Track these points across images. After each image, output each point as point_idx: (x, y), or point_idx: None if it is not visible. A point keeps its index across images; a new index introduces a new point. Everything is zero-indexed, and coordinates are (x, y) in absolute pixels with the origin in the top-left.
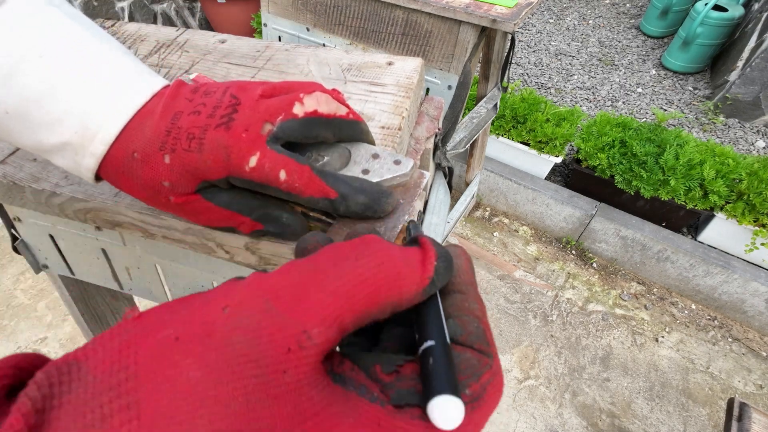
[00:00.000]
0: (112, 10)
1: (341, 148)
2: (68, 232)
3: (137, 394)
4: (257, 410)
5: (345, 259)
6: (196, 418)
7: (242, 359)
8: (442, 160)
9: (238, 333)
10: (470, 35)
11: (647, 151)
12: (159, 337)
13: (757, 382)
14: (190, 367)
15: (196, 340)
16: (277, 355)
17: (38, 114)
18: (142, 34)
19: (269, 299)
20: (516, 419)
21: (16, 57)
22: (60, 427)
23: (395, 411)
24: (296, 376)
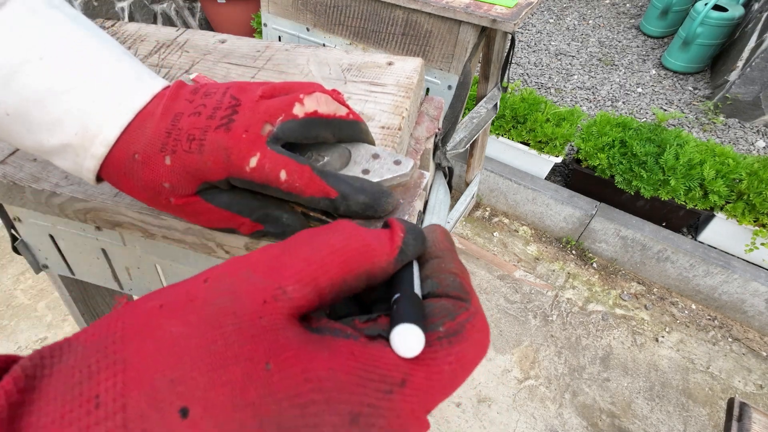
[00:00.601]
0: (112, 10)
1: (341, 149)
2: (68, 232)
3: (123, 352)
4: (236, 348)
5: (317, 235)
6: (180, 363)
7: (221, 313)
8: (442, 160)
9: (218, 295)
10: (470, 35)
11: (647, 151)
12: (145, 307)
13: (757, 382)
14: (173, 325)
15: (179, 305)
16: (254, 305)
17: (39, 115)
18: (142, 34)
19: (248, 268)
20: (516, 419)
21: (17, 58)
22: (49, 389)
23: (368, 341)
24: (271, 321)
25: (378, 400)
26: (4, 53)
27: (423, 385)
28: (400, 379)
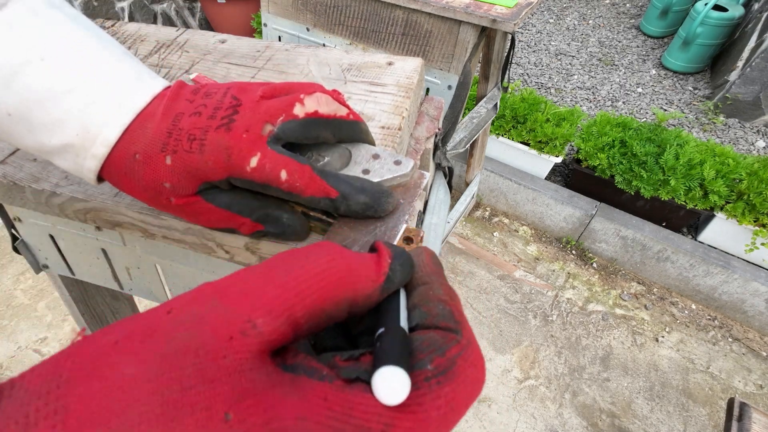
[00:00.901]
0: (112, 10)
1: (341, 149)
2: (68, 232)
3: (66, 398)
4: (192, 395)
5: (296, 258)
6: (127, 412)
7: (181, 351)
8: (442, 160)
9: (180, 329)
10: (470, 35)
11: (647, 151)
12: (100, 343)
13: (757, 382)
14: (126, 365)
15: (136, 341)
16: (219, 342)
17: (40, 115)
18: (142, 34)
19: (216, 297)
20: (516, 419)
21: (18, 59)
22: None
23: (344, 385)
24: (236, 361)
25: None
26: (4, 54)
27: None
28: (380, 431)
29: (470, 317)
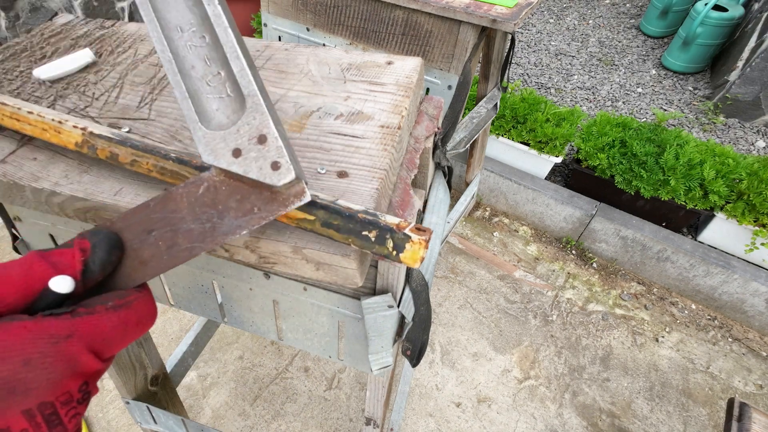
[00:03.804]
0: (112, 10)
1: (243, 94)
2: (68, 231)
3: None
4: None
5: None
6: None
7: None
8: (441, 159)
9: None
10: (470, 35)
11: (647, 151)
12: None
13: (757, 382)
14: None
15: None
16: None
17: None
18: (142, 34)
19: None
20: (516, 419)
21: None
22: None
23: (42, 318)
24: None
25: (46, 347)
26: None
27: (89, 335)
28: (66, 334)
29: (470, 317)
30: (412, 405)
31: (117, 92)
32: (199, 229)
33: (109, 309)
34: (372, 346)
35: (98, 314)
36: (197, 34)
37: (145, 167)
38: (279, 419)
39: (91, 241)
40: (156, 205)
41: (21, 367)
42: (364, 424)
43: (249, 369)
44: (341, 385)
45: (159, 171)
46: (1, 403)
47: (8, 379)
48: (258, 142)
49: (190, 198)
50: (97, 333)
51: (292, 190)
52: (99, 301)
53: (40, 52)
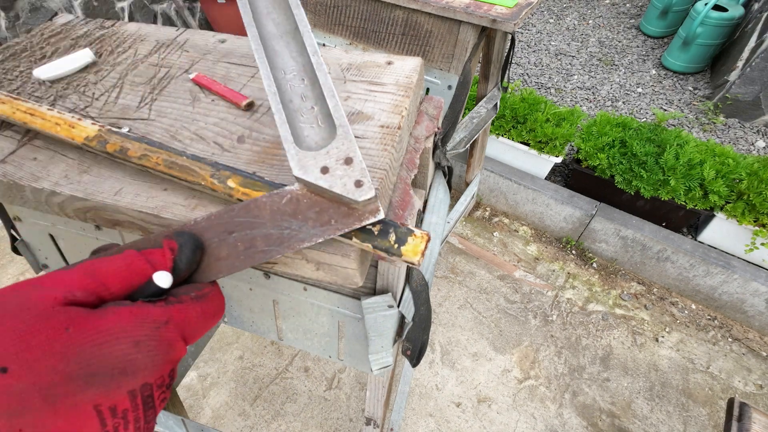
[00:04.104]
0: (112, 10)
1: (340, 126)
2: (68, 231)
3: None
4: (38, 325)
5: (101, 261)
6: None
7: (16, 311)
8: (441, 159)
9: (8, 300)
10: (470, 35)
11: (647, 151)
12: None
13: (757, 382)
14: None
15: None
16: (48, 301)
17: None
18: (142, 34)
19: (35, 284)
20: (516, 419)
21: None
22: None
23: (143, 304)
24: (64, 308)
25: (151, 331)
26: None
27: (181, 322)
28: (165, 320)
29: (470, 317)
30: (412, 405)
31: (117, 92)
32: (278, 234)
33: (192, 299)
34: (372, 346)
35: (185, 303)
36: (297, 77)
37: (154, 161)
38: (279, 419)
39: (178, 242)
40: (240, 209)
41: (132, 348)
42: (364, 424)
43: (249, 369)
44: (341, 385)
45: (167, 165)
46: (112, 382)
47: (121, 359)
48: (345, 163)
49: (273, 206)
50: (186, 321)
51: (368, 207)
52: (182, 292)
53: (40, 52)
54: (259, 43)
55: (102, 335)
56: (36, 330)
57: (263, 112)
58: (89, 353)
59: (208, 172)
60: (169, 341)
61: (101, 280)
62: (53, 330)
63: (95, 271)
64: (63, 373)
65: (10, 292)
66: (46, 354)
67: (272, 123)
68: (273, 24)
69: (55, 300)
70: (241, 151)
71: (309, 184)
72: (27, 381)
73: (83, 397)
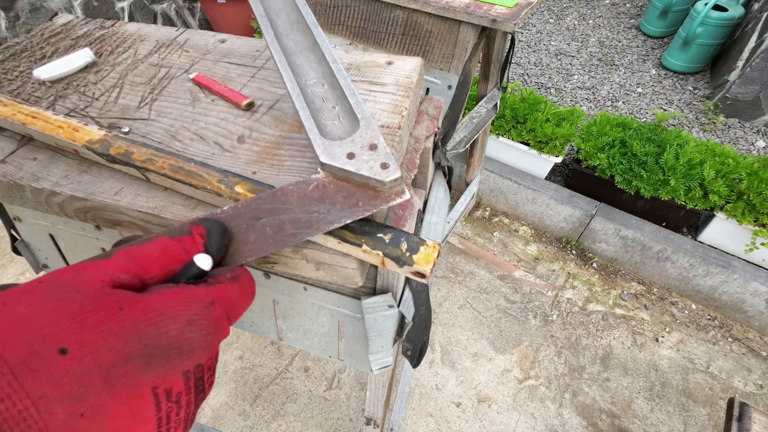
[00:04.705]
0: (112, 10)
1: (362, 118)
2: (68, 231)
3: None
4: (90, 306)
5: (140, 247)
6: (46, 324)
7: (66, 293)
8: (441, 159)
9: (55, 284)
10: (470, 35)
11: (647, 151)
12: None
13: (757, 382)
14: (21, 309)
15: (19, 299)
16: (96, 283)
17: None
18: (142, 34)
19: (78, 269)
20: (516, 419)
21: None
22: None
23: (187, 286)
24: (112, 289)
25: (201, 310)
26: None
27: (225, 301)
28: (210, 300)
29: (470, 317)
30: (412, 405)
31: (117, 92)
32: (306, 218)
33: (229, 279)
34: (372, 346)
35: (225, 284)
36: (318, 83)
37: (159, 164)
38: (279, 419)
39: (205, 227)
40: (267, 197)
41: (186, 326)
42: (364, 424)
43: (249, 369)
44: (341, 385)
45: (173, 170)
46: (168, 363)
47: (177, 337)
48: (370, 149)
49: (300, 193)
50: (228, 300)
51: (395, 189)
52: (219, 273)
53: (40, 52)
54: (282, 58)
55: (155, 314)
56: (90, 310)
57: (263, 112)
58: (145, 332)
59: (216, 178)
60: (218, 320)
61: (141, 264)
62: (107, 310)
63: (134, 256)
64: (122, 353)
65: (53, 278)
66: (104, 334)
67: (272, 123)
68: (293, 42)
69: (102, 282)
70: (241, 151)
71: (336, 169)
72: (87, 362)
73: (142, 379)
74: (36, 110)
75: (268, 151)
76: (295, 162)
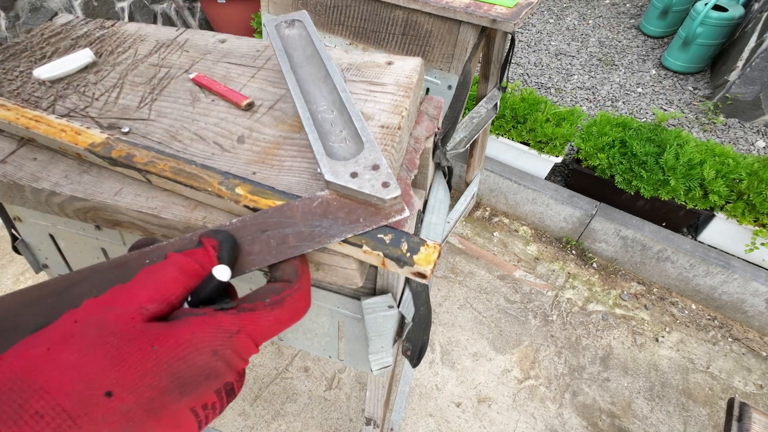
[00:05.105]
0: (112, 10)
1: (366, 141)
2: (68, 231)
3: (36, 384)
4: (125, 347)
5: (155, 271)
6: (91, 370)
7: (101, 336)
8: (441, 159)
9: (90, 328)
10: (470, 35)
11: (647, 151)
12: (33, 354)
13: (757, 382)
14: (66, 356)
15: (62, 344)
16: (126, 321)
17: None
18: (142, 34)
19: (108, 304)
20: (516, 419)
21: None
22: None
23: (214, 313)
24: (143, 325)
25: (225, 341)
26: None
27: (252, 331)
28: (236, 330)
29: (470, 317)
30: (412, 405)
31: (117, 92)
32: (309, 232)
33: (266, 306)
34: (372, 346)
35: (258, 311)
36: (328, 110)
37: (160, 167)
38: (279, 419)
39: (217, 239)
40: (273, 212)
41: (211, 357)
42: (364, 424)
43: (249, 369)
44: (341, 385)
45: (174, 172)
46: (200, 387)
47: (204, 367)
48: (372, 168)
49: (305, 208)
50: (257, 329)
51: (395, 207)
52: (258, 297)
53: (40, 52)
54: (296, 86)
55: (183, 348)
56: (126, 353)
57: (263, 112)
58: (176, 367)
59: (217, 180)
60: (242, 347)
61: (164, 289)
62: (141, 351)
63: (155, 282)
64: (158, 388)
65: (86, 318)
66: (141, 374)
67: (272, 123)
68: (307, 73)
69: (132, 320)
70: (241, 151)
71: (340, 187)
72: (130, 401)
73: (179, 405)
74: (39, 114)
75: (268, 152)
76: (295, 162)
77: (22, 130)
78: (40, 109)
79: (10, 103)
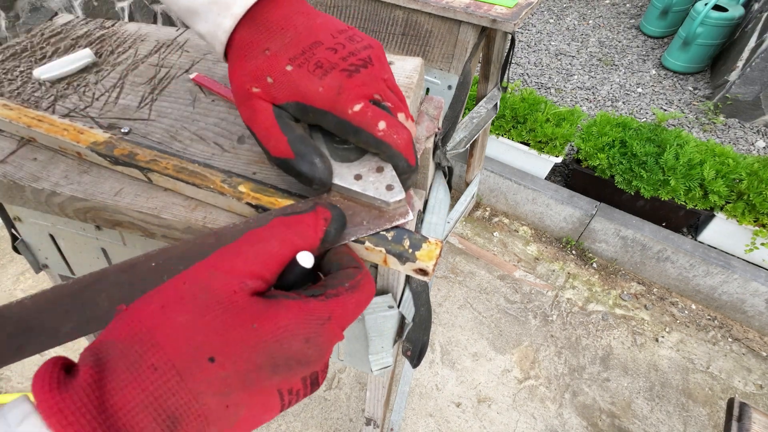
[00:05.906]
0: (112, 10)
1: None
2: (68, 231)
3: (153, 339)
4: (229, 320)
5: (259, 242)
6: (198, 334)
7: (208, 303)
8: (441, 159)
9: (198, 292)
10: (470, 35)
11: (647, 151)
12: (149, 310)
13: (757, 382)
14: (178, 317)
15: (175, 304)
16: (228, 294)
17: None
18: (142, 34)
19: (212, 269)
20: (516, 419)
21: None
22: (116, 368)
23: (307, 299)
24: (243, 301)
25: (317, 328)
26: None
27: (340, 316)
28: (327, 316)
29: (470, 317)
30: (412, 405)
31: (117, 92)
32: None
33: (347, 290)
34: (372, 346)
35: (342, 296)
36: None
37: (163, 165)
38: (279, 419)
39: (333, 214)
40: (279, 213)
41: (303, 344)
42: (364, 424)
43: None
44: (341, 385)
45: (176, 170)
46: (290, 371)
47: (297, 353)
48: (376, 171)
49: None
50: (344, 314)
51: (399, 210)
52: (339, 283)
53: (40, 52)
54: None
55: (280, 331)
56: (230, 325)
57: None
58: (272, 348)
59: (219, 178)
60: (333, 335)
61: (264, 266)
62: (242, 326)
63: (257, 255)
64: (255, 363)
65: (193, 281)
66: (241, 348)
67: None
68: None
69: (234, 294)
70: (242, 151)
71: (344, 189)
72: (229, 369)
73: (270, 383)
74: (42, 114)
75: None
76: None
77: (23, 129)
78: (41, 110)
79: (12, 104)
